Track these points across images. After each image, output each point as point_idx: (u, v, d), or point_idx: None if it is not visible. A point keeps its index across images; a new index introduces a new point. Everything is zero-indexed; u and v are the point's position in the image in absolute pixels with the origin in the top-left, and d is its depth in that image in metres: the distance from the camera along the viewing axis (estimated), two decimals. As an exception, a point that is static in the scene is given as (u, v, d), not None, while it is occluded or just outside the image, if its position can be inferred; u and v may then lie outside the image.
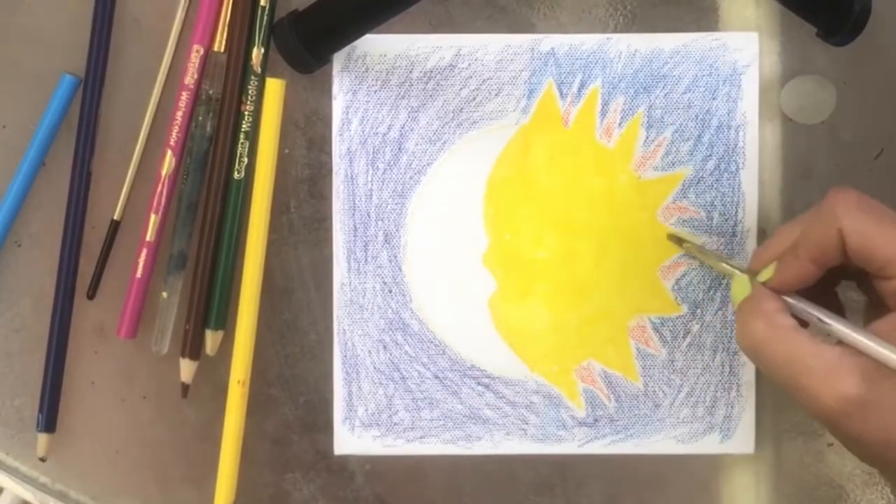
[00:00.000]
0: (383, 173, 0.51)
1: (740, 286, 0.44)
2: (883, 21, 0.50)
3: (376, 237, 0.51)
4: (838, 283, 0.44)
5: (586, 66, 0.50)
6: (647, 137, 0.50)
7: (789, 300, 0.42)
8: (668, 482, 0.51)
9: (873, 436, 0.38)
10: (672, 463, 0.51)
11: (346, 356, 0.51)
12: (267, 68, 0.49)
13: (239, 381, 0.49)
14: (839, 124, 0.50)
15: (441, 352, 0.51)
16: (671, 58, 0.50)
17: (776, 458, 0.51)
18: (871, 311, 0.43)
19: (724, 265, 0.46)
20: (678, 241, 0.50)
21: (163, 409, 0.51)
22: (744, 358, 0.51)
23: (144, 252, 0.49)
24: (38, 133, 0.49)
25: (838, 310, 0.43)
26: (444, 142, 0.50)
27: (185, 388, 0.50)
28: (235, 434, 0.49)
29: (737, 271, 0.45)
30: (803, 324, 0.41)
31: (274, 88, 0.49)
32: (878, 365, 0.38)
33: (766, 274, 0.43)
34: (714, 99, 0.50)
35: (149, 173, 0.50)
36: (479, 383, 0.51)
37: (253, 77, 0.49)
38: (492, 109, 0.50)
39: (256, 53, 0.49)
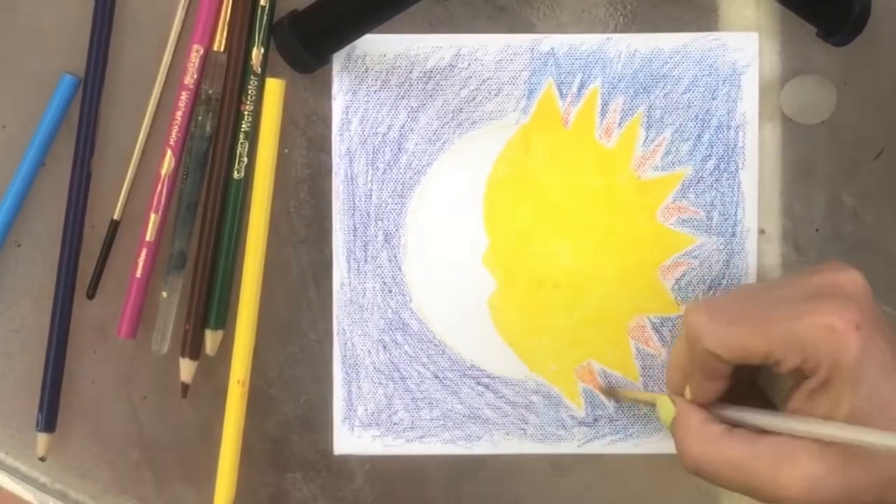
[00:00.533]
0: (383, 173, 0.51)
1: (666, 409, 0.45)
2: (883, 21, 0.50)
3: (376, 237, 0.51)
4: (756, 373, 0.45)
5: (586, 66, 0.50)
6: (647, 137, 0.50)
7: (720, 411, 0.42)
8: (668, 482, 0.51)
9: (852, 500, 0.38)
10: (672, 463, 0.51)
11: (345, 356, 0.51)
12: (267, 68, 0.49)
13: (239, 381, 0.49)
14: (839, 124, 0.50)
15: (441, 352, 0.51)
16: (671, 58, 0.50)
17: (776, 458, 0.51)
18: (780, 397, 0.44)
19: (647, 395, 0.48)
20: (609, 393, 0.50)
21: (163, 409, 0.51)
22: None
23: (144, 252, 0.49)
24: (38, 133, 0.49)
25: (764, 399, 0.44)
26: (444, 142, 0.51)
27: (185, 388, 0.50)
28: (235, 434, 0.49)
29: (660, 396, 0.46)
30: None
31: (274, 88, 0.49)
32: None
33: (688, 394, 0.44)
34: (714, 99, 0.50)
35: (149, 173, 0.50)
36: (478, 383, 0.51)
37: (253, 77, 0.49)
38: (492, 109, 0.50)
39: (256, 53, 0.49)
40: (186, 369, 0.50)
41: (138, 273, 0.49)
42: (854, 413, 0.38)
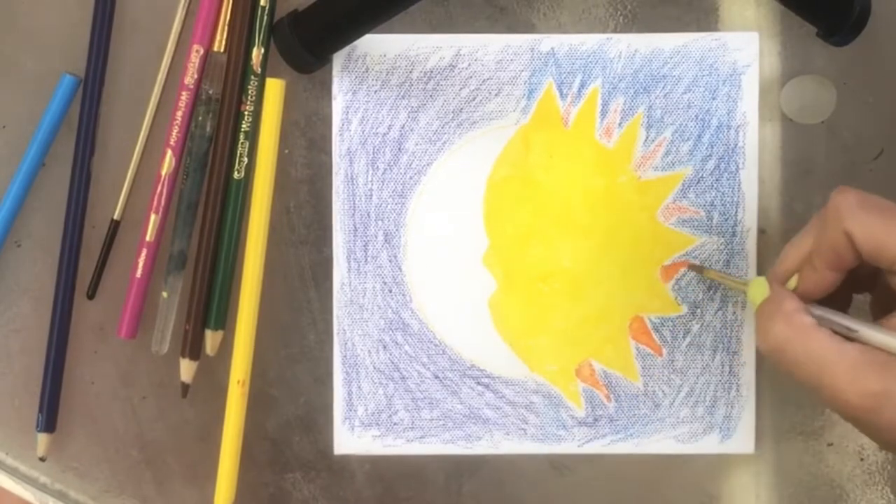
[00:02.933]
0: (383, 173, 0.51)
1: (759, 289, 0.44)
2: (883, 21, 0.50)
3: (376, 237, 0.51)
4: (857, 290, 0.44)
5: (586, 66, 0.50)
6: (647, 137, 0.50)
7: (812, 310, 0.42)
8: (669, 482, 0.51)
9: None
10: (672, 463, 0.51)
11: (345, 356, 0.51)
12: (267, 68, 0.49)
13: (239, 381, 0.49)
14: (839, 124, 0.50)
15: (441, 351, 0.51)
16: (671, 58, 0.50)
17: (776, 458, 0.51)
18: (877, 307, 0.43)
19: (738, 281, 0.47)
20: (699, 269, 0.50)
21: (163, 409, 0.51)
22: (744, 357, 0.51)
23: (144, 252, 0.49)
24: (38, 133, 0.49)
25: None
26: (444, 142, 0.51)
27: (185, 388, 0.50)
28: (235, 434, 0.49)
29: (758, 277, 0.45)
30: None
31: (274, 88, 0.49)
32: None
33: (791, 284, 0.43)
34: (714, 99, 0.50)
35: (149, 173, 0.50)
36: (478, 383, 0.51)
37: (253, 77, 0.49)
38: (492, 109, 0.50)
39: (256, 53, 0.49)
40: (186, 369, 0.50)
41: (138, 273, 0.49)
42: None
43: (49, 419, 0.50)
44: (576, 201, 0.51)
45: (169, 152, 0.49)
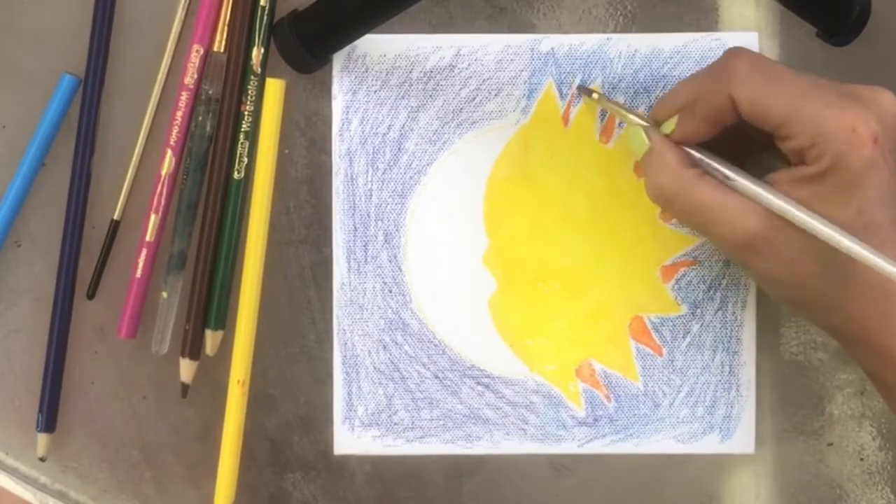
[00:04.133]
0: (383, 173, 0.51)
1: (637, 139, 0.45)
2: (883, 21, 0.50)
3: (376, 237, 0.51)
4: (746, 145, 0.45)
5: (586, 66, 0.50)
6: (647, 137, 0.50)
7: (693, 153, 0.43)
8: (669, 482, 0.51)
9: (773, 269, 0.41)
10: (672, 463, 0.51)
11: (346, 356, 0.51)
12: (267, 68, 0.49)
13: (239, 381, 0.49)
14: (839, 124, 0.50)
15: (441, 352, 0.51)
16: (671, 58, 0.50)
17: (776, 458, 0.51)
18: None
19: (628, 115, 0.47)
20: (587, 92, 0.50)
21: (163, 409, 0.51)
22: (744, 357, 0.51)
23: (144, 252, 0.49)
24: (38, 133, 0.49)
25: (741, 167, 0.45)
26: (444, 142, 0.51)
27: (185, 388, 0.50)
28: (235, 434, 0.49)
29: (636, 120, 0.45)
30: None
31: (274, 88, 0.49)
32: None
33: (667, 126, 0.44)
34: (714, 99, 0.50)
35: (149, 173, 0.50)
36: (478, 383, 0.51)
37: (253, 77, 0.49)
38: (492, 109, 0.50)
39: (256, 53, 0.49)
40: (186, 369, 0.50)
41: (138, 273, 0.49)
42: (836, 220, 0.39)
43: (49, 419, 0.50)
44: (576, 201, 0.51)
45: (169, 152, 0.49)
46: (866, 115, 0.39)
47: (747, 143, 0.45)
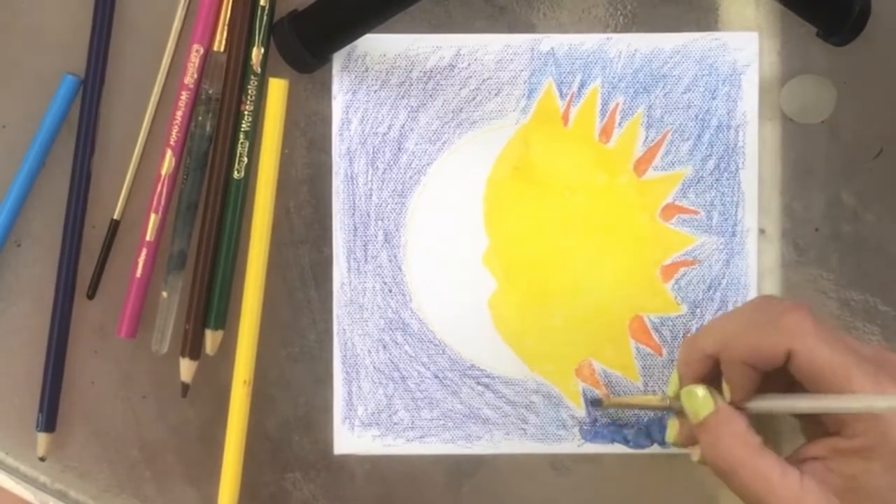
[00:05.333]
0: (383, 173, 0.51)
1: (697, 401, 0.44)
2: (883, 21, 0.50)
3: (376, 237, 0.51)
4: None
5: (586, 65, 0.50)
6: (647, 137, 0.50)
7: (753, 404, 0.43)
8: (669, 482, 0.51)
9: None
10: (672, 463, 0.51)
11: (346, 356, 0.51)
12: (267, 68, 0.49)
13: (244, 382, 0.49)
14: (839, 124, 0.50)
15: (441, 351, 0.51)
16: (671, 58, 0.50)
17: (776, 457, 0.51)
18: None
19: (658, 398, 0.48)
20: (598, 402, 0.50)
21: (163, 409, 0.51)
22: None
23: (144, 252, 0.49)
24: (38, 133, 0.49)
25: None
26: (444, 142, 0.51)
27: (185, 388, 0.50)
28: (239, 434, 0.49)
29: (696, 388, 0.44)
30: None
31: (277, 88, 0.49)
32: (845, 485, 0.40)
33: (727, 394, 0.43)
34: (714, 99, 0.50)
35: (149, 173, 0.50)
36: (478, 383, 0.51)
37: (253, 77, 0.49)
38: (492, 109, 0.50)
39: (256, 53, 0.49)
40: (186, 369, 0.50)
41: (138, 273, 0.49)
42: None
43: (49, 419, 0.50)
44: (576, 201, 0.51)
45: (169, 152, 0.49)
46: None
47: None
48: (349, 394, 0.51)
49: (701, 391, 0.44)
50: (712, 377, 0.44)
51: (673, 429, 0.47)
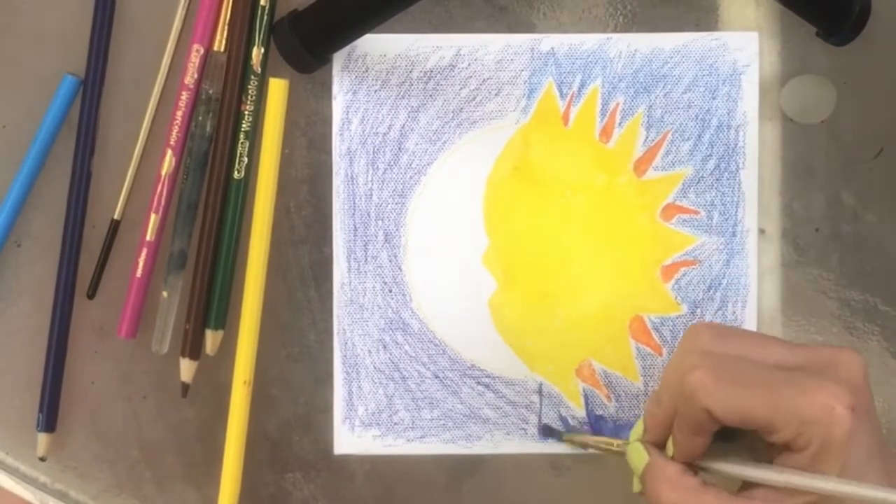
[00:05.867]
0: (383, 173, 0.51)
1: (637, 454, 0.44)
2: (883, 21, 0.50)
3: (376, 237, 0.51)
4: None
5: (586, 65, 0.50)
6: (647, 137, 0.50)
7: (703, 465, 0.42)
8: (669, 482, 0.51)
9: None
10: (672, 463, 0.51)
11: (346, 356, 0.51)
12: (267, 68, 0.49)
13: (245, 382, 0.49)
14: (839, 124, 0.50)
15: (441, 351, 0.51)
16: (671, 58, 0.50)
17: (776, 457, 0.51)
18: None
19: (614, 444, 0.48)
20: (557, 433, 0.50)
21: (163, 409, 0.51)
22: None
23: (144, 252, 0.49)
24: (38, 133, 0.49)
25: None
26: (444, 142, 0.51)
27: (185, 388, 0.50)
28: (239, 434, 0.49)
29: (634, 442, 0.44)
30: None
31: (278, 88, 0.49)
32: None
33: (669, 449, 0.43)
34: (714, 99, 0.50)
35: (149, 173, 0.50)
36: (479, 383, 0.51)
37: (253, 77, 0.49)
38: (492, 109, 0.50)
39: (256, 53, 0.49)
40: (186, 369, 0.50)
41: (138, 273, 0.49)
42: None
43: (49, 419, 0.50)
44: (576, 201, 0.51)
45: (169, 152, 0.49)
46: (838, 390, 0.39)
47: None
48: (349, 394, 0.51)
49: (638, 445, 0.44)
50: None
51: (637, 483, 0.46)
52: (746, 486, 0.42)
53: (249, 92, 0.49)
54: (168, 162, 0.49)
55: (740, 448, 0.43)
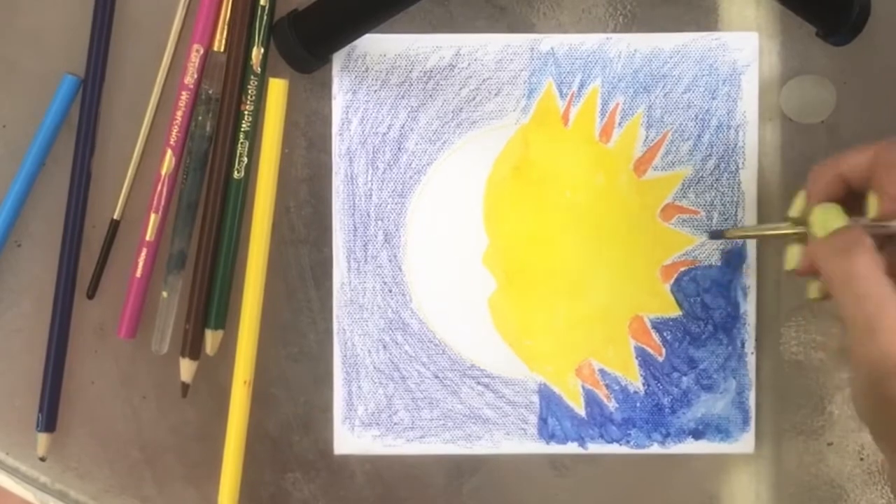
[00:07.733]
0: (383, 173, 0.51)
1: (833, 216, 0.43)
2: (883, 21, 0.50)
3: (376, 237, 0.51)
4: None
5: (586, 65, 0.50)
6: (647, 137, 0.50)
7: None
8: (669, 482, 0.51)
9: None
10: (672, 463, 0.51)
11: (346, 356, 0.51)
12: (267, 68, 0.49)
13: (245, 382, 0.49)
14: (839, 124, 0.50)
15: (441, 351, 0.51)
16: (671, 58, 0.50)
17: (776, 458, 0.51)
18: None
19: (789, 227, 0.46)
20: (719, 234, 0.49)
21: (163, 409, 0.51)
22: (744, 357, 0.51)
23: (144, 252, 0.49)
24: (38, 133, 0.49)
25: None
26: (444, 142, 0.51)
27: (185, 388, 0.50)
28: (239, 434, 0.49)
29: (829, 204, 0.44)
30: None
31: (277, 88, 0.49)
32: None
33: (872, 209, 0.42)
34: (714, 99, 0.50)
35: (149, 173, 0.50)
36: (479, 383, 0.51)
37: (253, 77, 0.49)
38: (492, 109, 0.50)
39: (256, 53, 0.49)
40: (186, 369, 0.50)
41: (138, 273, 0.49)
42: None
43: (49, 419, 0.50)
44: (576, 201, 0.51)
45: (169, 152, 0.49)
46: None
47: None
48: (349, 394, 0.51)
49: (835, 206, 0.43)
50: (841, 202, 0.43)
51: (793, 256, 0.45)
52: None
53: (249, 92, 0.49)
54: (168, 162, 0.49)
55: None
